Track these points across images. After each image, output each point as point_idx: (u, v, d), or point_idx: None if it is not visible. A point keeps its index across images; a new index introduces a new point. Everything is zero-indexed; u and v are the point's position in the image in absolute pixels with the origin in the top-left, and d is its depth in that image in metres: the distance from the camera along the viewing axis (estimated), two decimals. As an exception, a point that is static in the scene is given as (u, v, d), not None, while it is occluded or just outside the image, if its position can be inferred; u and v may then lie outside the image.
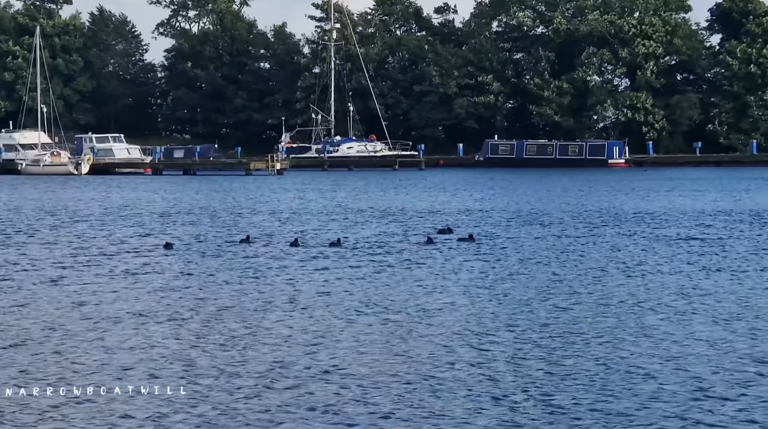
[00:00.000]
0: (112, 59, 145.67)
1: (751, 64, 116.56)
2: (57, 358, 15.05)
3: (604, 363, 14.51)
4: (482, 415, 11.98)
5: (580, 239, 32.24)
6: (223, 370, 14.22)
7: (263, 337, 16.54)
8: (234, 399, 12.79)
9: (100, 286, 22.49)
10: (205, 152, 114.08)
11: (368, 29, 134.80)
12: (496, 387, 13.21)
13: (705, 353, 15.11)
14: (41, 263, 26.71)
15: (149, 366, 14.51)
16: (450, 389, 13.11)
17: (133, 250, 30.06)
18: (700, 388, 13.07)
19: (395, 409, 12.28)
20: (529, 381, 13.50)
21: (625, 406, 12.28)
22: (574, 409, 12.21)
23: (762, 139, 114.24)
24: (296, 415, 12.10)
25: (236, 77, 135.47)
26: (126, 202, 55.84)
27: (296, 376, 13.85)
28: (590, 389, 13.07)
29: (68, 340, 16.39)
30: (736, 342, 15.88)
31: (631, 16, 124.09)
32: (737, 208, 45.21)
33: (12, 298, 20.75)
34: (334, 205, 50.37)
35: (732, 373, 13.88)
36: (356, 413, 12.11)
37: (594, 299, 20.19)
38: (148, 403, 12.57)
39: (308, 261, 26.71)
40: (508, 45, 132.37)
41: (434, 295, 20.89)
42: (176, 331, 17.18)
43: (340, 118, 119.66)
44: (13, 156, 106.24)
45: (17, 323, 17.88)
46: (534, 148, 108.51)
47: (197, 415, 12.15)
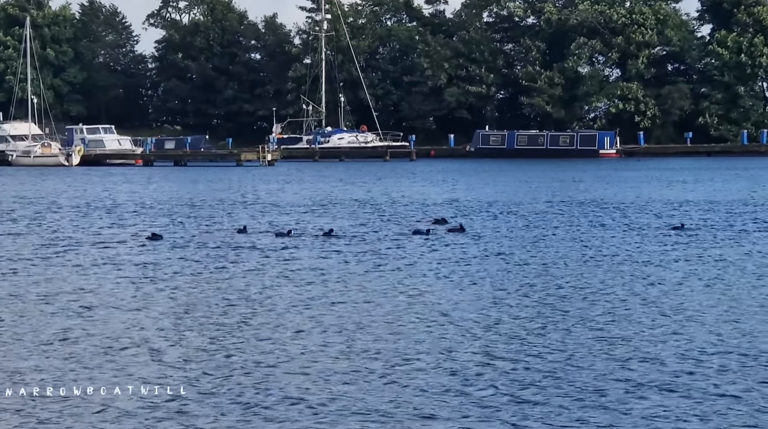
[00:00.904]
0: (103, 50, 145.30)
1: (741, 54, 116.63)
2: (59, 356, 15.10)
3: (595, 355, 14.60)
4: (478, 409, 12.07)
5: (567, 230, 32.32)
6: (220, 366, 14.28)
7: (263, 331, 16.60)
8: (233, 396, 12.85)
9: (80, 276, 22.53)
10: (196, 143, 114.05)
11: (359, 20, 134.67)
12: (472, 379, 13.30)
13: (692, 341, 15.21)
14: (44, 255, 26.73)
15: (145, 359, 14.57)
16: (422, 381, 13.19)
17: (133, 242, 30.07)
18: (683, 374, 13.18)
19: (386, 403, 12.35)
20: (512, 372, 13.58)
21: (613, 398, 12.38)
22: (569, 404, 12.30)
23: (753, 129, 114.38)
24: (295, 414, 12.17)
25: (227, 68, 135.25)
26: (127, 193, 55.82)
27: (294, 372, 13.92)
28: (583, 383, 13.17)
29: (63, 335, 16.45)
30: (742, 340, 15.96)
31: (622, 6, 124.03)
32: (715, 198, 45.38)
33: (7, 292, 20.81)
34: (325, 196, 50.40)
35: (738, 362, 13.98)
36: (346, 408, 12.19)
37: (580, 287, 20.30)
38: (148, 402, 12.64)
39: (300, 250, 26.79)
40: (499, 35, 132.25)
41: (421, 284, 20.95)
42: (177, 323, 17.24)
43: (331, 108, 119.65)
44: (3, 147, 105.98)
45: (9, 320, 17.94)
46: (525, 139, 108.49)
47: (197, 416, 12.16)
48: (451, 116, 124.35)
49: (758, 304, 18.46)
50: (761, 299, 18.93)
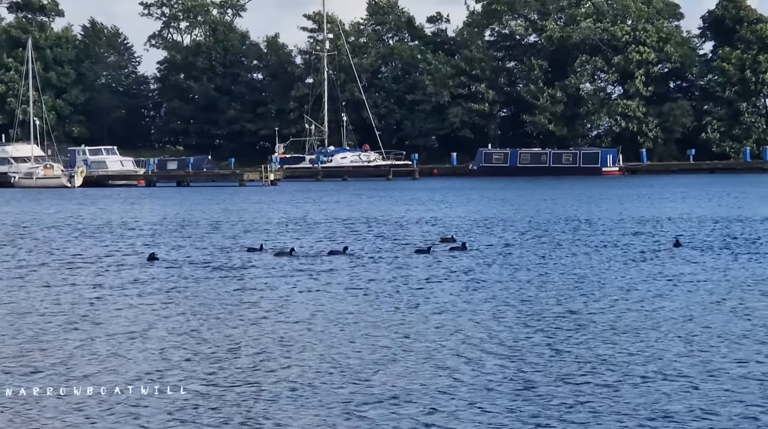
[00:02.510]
0: (105, 71, 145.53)
1: (745, 70, 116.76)
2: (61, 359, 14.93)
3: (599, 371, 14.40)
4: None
5: (570, 248, 32.14)
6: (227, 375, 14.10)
7: (271, 344, 16.42)
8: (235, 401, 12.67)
9: (97, 297, 22.38)
10: (198, 164, 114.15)
11: (361, 39, 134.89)
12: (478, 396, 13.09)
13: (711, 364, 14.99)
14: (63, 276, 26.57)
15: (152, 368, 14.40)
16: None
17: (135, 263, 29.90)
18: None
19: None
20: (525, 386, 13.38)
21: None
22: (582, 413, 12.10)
23: (755, 145, 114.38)
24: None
25: (229, 88, 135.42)
26: (147, 212, 55.70)
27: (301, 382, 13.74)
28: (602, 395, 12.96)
29: (75, 343, 16.27)
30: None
31: (624, 23, 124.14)
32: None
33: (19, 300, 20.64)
34: (329, 215, 50.23)
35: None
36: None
37: (580, 307, 20.11)
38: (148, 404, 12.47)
39: (308, 270, 26.64)
40: (501, 53, 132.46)
41: (426, 302, 20.77)
42: (186, 335, 17.07)
43: (334, 128, 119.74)
44: (6, 169, 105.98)
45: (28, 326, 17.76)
46: (528, 157, 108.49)
47: (196, 416, 12.08)
48: (454, 134, 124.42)
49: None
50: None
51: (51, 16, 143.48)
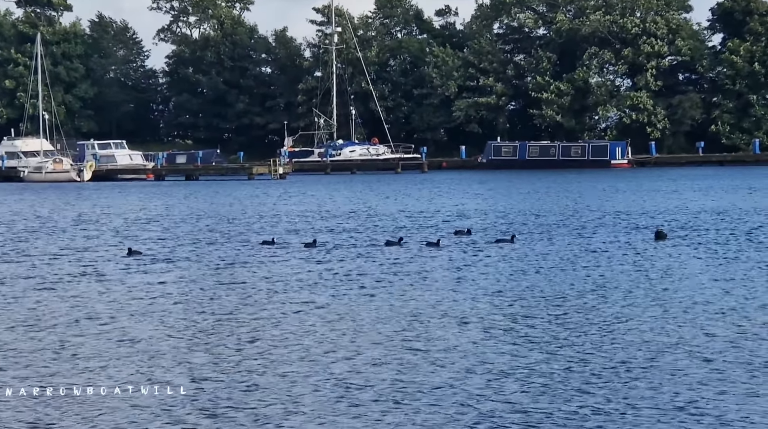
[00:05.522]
0: (113, 66, 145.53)
1: (755, 63, 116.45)
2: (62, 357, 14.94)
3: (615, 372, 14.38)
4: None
5: (580, 243, 32.14)
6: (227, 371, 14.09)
7: (279, 341, 16.42)
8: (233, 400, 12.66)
9: (103, 289, 22.41)
10: (207, 157, 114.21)
11: (369, 32, 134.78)
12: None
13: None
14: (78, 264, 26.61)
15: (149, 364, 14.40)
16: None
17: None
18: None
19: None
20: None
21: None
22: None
23: (765, 137, 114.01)
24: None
25: (238, 82, 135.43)
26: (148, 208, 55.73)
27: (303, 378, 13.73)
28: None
29: (77, 338, 16.29)
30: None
31: (633, 16, 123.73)
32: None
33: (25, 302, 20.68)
34: (338, 208, 50.23)
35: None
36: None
37: (586, 303, 20.10)
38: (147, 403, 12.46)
39: (326, 261, 26.69)
40: (510, 46, 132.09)
41: (439, 293, 20.78)
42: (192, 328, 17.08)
43: (342, 121, 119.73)
44: (15, 163, 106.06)
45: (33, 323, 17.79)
46: (536, 150, 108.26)
47: (196, 415, 12.05)
48: (462, 128, 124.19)
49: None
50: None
51: (59, 11, 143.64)
